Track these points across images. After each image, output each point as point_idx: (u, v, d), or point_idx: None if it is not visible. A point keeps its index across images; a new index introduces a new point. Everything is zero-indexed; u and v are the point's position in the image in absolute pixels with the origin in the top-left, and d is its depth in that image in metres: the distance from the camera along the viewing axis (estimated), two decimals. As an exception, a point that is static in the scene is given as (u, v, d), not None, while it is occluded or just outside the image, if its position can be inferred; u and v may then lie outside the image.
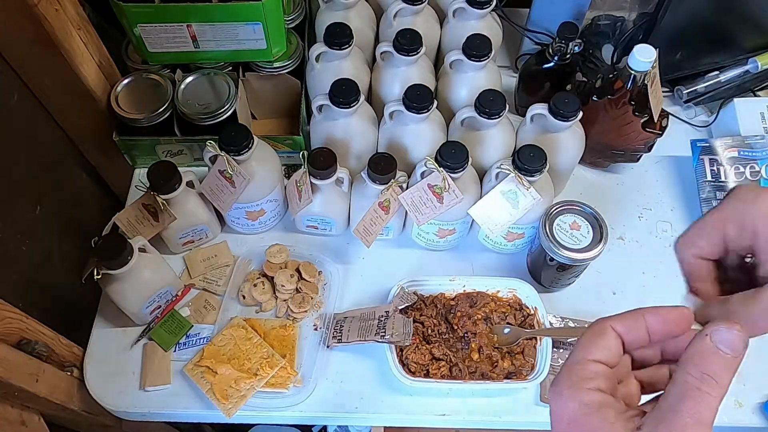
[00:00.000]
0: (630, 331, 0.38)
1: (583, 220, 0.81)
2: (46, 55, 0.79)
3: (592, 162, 1.01)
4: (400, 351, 0.80)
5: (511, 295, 0.86)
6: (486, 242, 0.91)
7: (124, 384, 0.81)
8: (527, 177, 0.78)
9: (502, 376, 0.79)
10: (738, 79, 1.07)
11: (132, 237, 0.80)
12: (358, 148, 0.87)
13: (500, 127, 0.85)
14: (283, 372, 0.80)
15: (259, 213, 0.88)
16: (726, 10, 0.99)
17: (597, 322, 0.38)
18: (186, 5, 0.85)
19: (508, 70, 1.13)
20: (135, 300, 0.80)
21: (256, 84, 0.97)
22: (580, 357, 0.37)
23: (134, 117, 0.89)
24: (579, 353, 0.37)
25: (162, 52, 0.92)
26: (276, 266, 0.87)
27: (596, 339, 0.37)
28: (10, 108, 0.79)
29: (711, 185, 0.95)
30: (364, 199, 0.84)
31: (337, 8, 0.94)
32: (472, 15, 0.93)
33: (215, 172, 0.81)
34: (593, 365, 0.36)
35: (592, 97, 0.90)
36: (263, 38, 0.90)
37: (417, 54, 0.86)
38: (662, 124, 0.90)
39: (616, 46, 1.04)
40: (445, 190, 0.78)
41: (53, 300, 0.86)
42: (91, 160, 0.97)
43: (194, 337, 0.84)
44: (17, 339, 0.70)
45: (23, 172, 0.81)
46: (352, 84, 0.81)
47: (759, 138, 0.96)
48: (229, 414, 0.77)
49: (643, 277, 0.92)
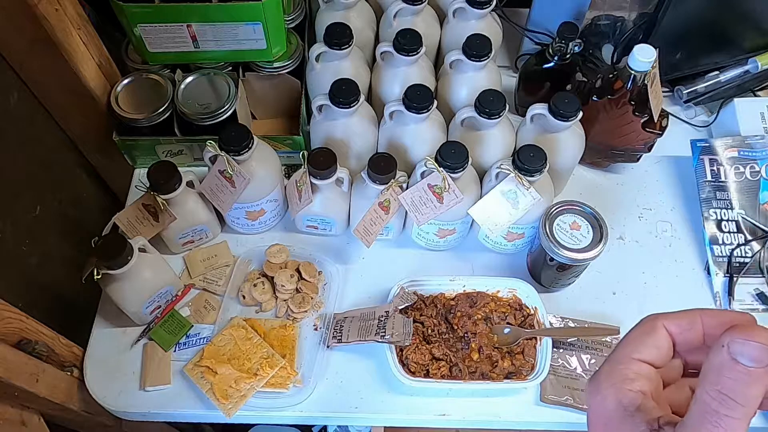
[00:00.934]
0: (683, 332, 0.34)
1: (583, 220, 0.81)
2: (46, 55, 0.79)
3: (592, 162, 1.01)
4: (400, 351, 0.80)
5: (511, 295, 0.86)
6: (486, 242, 0.91)
7: (124, 384, 0.81)
8: (527, 177, 0.78)
9: (502, 376, 0.79)
10: (738, 79, 1.07)
11: (132, 237, 0.80)
12: (358, 148, 0.87)
13: (500, 127, 0.85)
14: (283, 372, 0.80)
15: (259, 213, 0.88)
16: (726, 10, 0.99)
17: (647, 318, 0.35)
18: (186, 5, 0.85)
19: (508, 70, 1.13)
20: (135, 300, 0.80)
21: (256, 84, 0.97)
22: (625, 354, 0.34)
23: (134, 117, 0.89)
24: (624, 350, 0.34)
25: (162, 52, 0.92)
26: (276, 266, 0.87)
27: (644, 337, 0.34)
28: (10, 108, 0.79)
29: (711, 185, 0.95)
30: (364, 199, 0.84)
31: (337, 8, 0.94)
32: (472, 15, 0.93)
33: (215, 172, 0.81)
34: (638, 365, 0.34)
35: (592, 97, 0.90)
36: (263, 38, 0.90)
37: (417, 54, 0.86)
38: (662, 124, 0.90)
39: (616, 46, 1.04)
40: (445, 190, 0.78)
41: (53, 300, 0.86)
42: (91, 160, 0.97)
43: (194, 337, 0.84)
44: (17, 339, 0.70)
45: (23, 172, 0.81)
46: (352, 84, 0.81)
47: (759, 138, 0.96)
48: (229, 414, 0.77)
49: (643, 276, 0.92)
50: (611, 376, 0.34)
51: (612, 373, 0.34)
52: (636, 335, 0.35)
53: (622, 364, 0.34)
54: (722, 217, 0.93)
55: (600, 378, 0.34)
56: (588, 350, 0.83)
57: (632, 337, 0.35)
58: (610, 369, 0.34)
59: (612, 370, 0.34)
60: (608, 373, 0.34)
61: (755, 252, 0.91)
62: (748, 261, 0.91)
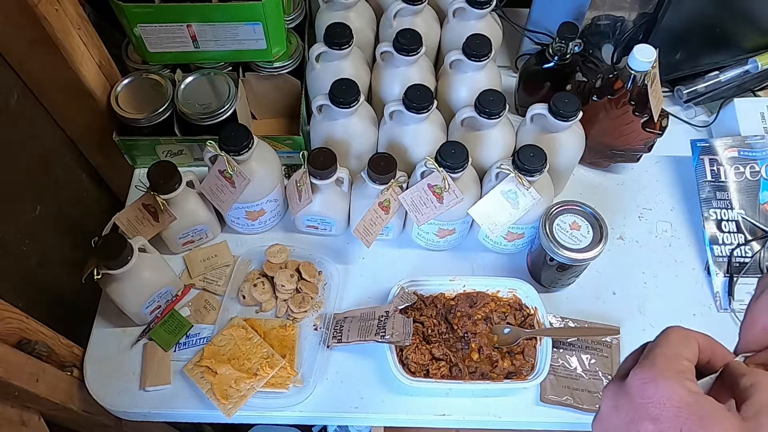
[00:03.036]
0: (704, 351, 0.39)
1: (583, 220, 0.81)
2: (46, 55, 0.79)
3: (592, 162, 1.01)
4: (400, 351, 0.80)
5: (511, 295, 0.86)
6: (486, 242, 0.91)
7: (124, 384, 0.81)
8: (527, 177, 0.78)
9: (502, 376, 0.79)
10: (738, 79, 1.07)
11: (132, 237, 0.80)
12: (358, 148, 0.87)
13: (500, 127, 0.85)
14: (283, 372, 0.80)
15: (259, 213, 0.88)
16: (726, 10, 0.99)
17: (678, 328, 0.40)
18: (186, 5, 0.85)
19: (508, 70, 1.13)
20: (135, 300, 0.80)
21: (256, 84, 0.97)
22: (675, 352, 0.38)
23: (134, 117, 0.89)
24: (672, 349, 0.38)
25: (162, 52, 0.92)
26: (276, 266, 0.87)
27: (685, 341, 0.39)
28: (10, 108, 0.79)
29: (711, 185, 0.95)
30: (364, 199, 0.84)
31: (337, 8, 0.94)
32: (472, 15, 0.93)
33: (215, 172, 0.81)
34: (686, 361, 0.38)
35: (592, 97, 0.90)
36: (263, 38, 0.90)
37: (417, 54, 0.86)
38: (662, 124, 0.90)
39: (616, 46, 1.04)
40: (445, 190, 0.78)
41: (53, 300, 0.86)
42: (91, 160, 0.97)
43: (194, 337, 0.84)
44: (17, 339, 0.70)
45: (23, 172, 0.81)
46: (352, 84, 0.81)
47: (759, 138, 0.96)
48: (229, 414, 0.77)
49: (643, 276, 0.92)
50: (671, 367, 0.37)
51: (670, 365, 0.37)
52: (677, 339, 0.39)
53: (675, 359, 0.38)
54: (722, 217, 0.93)
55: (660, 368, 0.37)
56: (588, 350, 0.83)
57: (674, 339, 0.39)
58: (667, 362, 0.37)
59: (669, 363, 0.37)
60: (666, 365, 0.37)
61: (755, 252, 0.91)
62: (748, 261, 0.91)
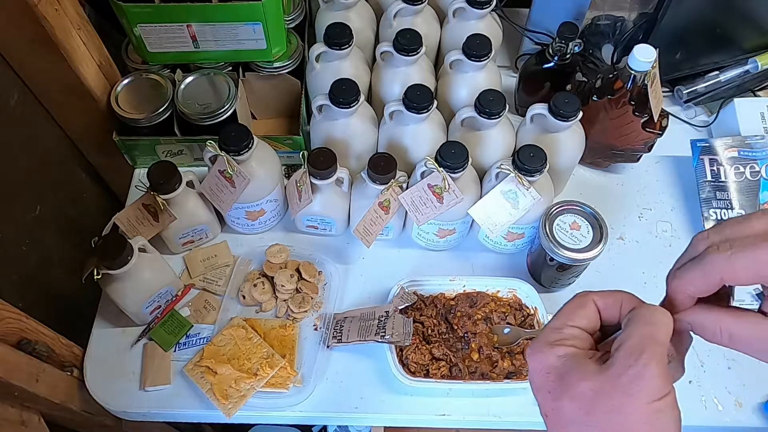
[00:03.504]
0: (607, 308, 0.40)
1: (583, 220, 0.81)
2: (46, 55, 0.79)
3: (592, 162, 1.01)
4: (400, 351, 0.80)
5: (511, 295, 0.86)
6: (486, 242, 0.91)
7: (124, 384, 0.81)
8: (527, 177, 0.78)
9: (502, 376, 0.79)
10: (738, 79, 1.07)
11: (132, 237, 0.80)
12: (358, 148, 0.87)
13: (500, 127, 0.85)
14: (283, 372, 0.80)
15: (259, 213, 0.88)
16: (726, 10, 0.99)
17: (581, 294, 0.41)
18: (186, 5, 0.85)
19: (508, 70, 1.13)
20: (135, 300, 0.80)
21: (256, 84, 0.97)
22: (561, 323, 0.40)
23: (134, 117, 0.89)
24: (560, 320, 0.40)
25: (162, 52, 0.92)
26: (276, 266, 0.87)
27: (578, 308, 0.40)
28: (10, 108, 0.79)
29: (711, 185, 0.95)
30: (364, 199, 0.84)
31: (337, 8, 0.94)
32: (472, 15, 0.93)
33: (215, 172, 0.81)
34: (572, 329, 0.39)
35: (592, 97, 0.90)
36: (263, 38, 0.90)
37: (417, 54, 0.86)
38: (662, 124, 0.90)
39: (616, 46, 1.04)
40: (445, 190, 0.78)
41: (53, 300, 0.86)
42: (91, 160, 0.97)
43: (194, 337, 0.84)
44: (17, 339, 0.70)
45: (23, 172, 0.81)
46: (352, 84, 0.81)
47: (759, 138, 0.96)
48: (229, 414, 0.77)
49: (643, 277, 0.92)
50: (548, 339, 0.39)
51: (549, 337, 0.39)
52: (571, 307, 0.40)
53: (557, 329, 0.39)
54: (722, 217, 0.93)
55: (540, 341, 0.39)
56: (588, 350, 0.83)
57: (567, 308, 0.40)
58: (548, 334, 0.39)
59: (549, 335, 0.39)
60: (546, 337, 0.39)
61: (755, 252, 0.91)
62: (748, 261, 0.90)
